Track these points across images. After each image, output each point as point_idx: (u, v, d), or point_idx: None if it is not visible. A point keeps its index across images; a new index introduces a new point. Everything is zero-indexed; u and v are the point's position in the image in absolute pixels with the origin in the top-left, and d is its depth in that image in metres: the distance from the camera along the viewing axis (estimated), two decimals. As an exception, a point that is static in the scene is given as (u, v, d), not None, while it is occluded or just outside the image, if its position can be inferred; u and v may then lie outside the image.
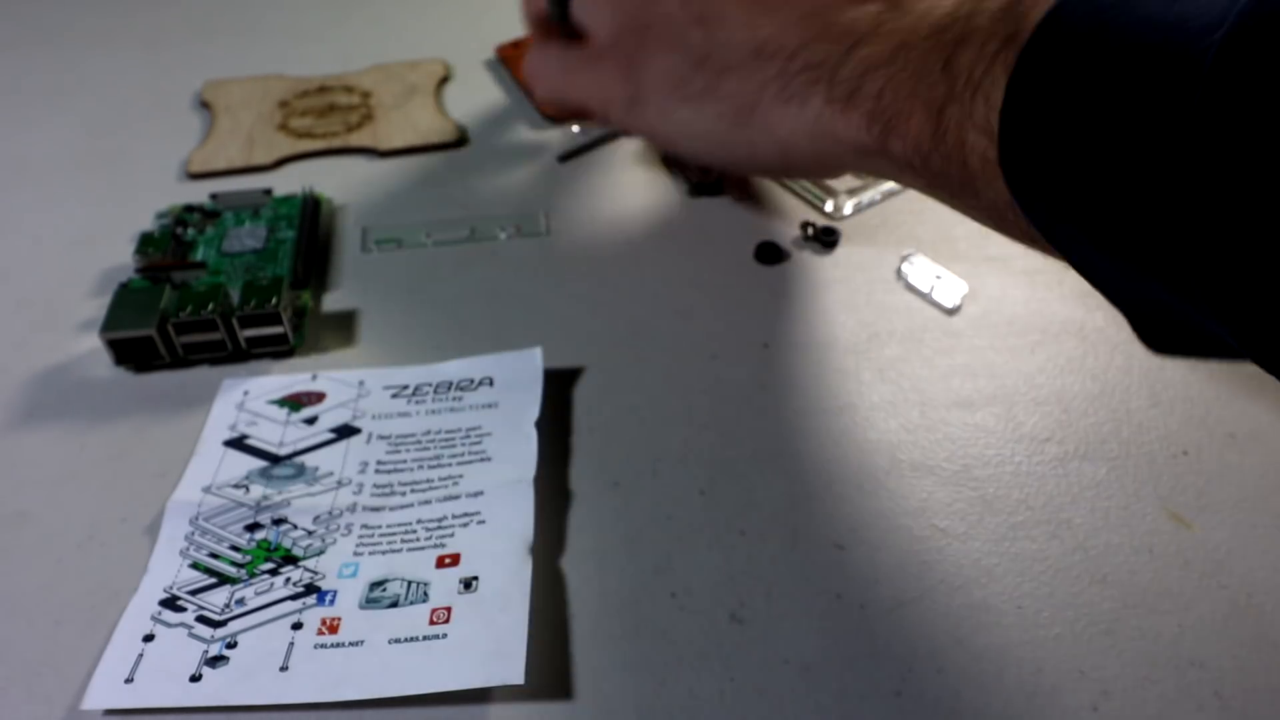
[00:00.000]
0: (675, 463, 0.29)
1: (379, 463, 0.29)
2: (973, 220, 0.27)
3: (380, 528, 0.27)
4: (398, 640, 0.24)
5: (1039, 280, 0.34)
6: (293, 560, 0.26)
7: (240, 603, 0.25)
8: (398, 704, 0.23)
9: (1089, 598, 0.25)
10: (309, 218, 0.37)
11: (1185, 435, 0.29)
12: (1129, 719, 0.23)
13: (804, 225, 0.36)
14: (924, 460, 0.29)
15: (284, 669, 0.24)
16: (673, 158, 0.40)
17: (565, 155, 0.41)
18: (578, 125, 0.43)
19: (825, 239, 0.36)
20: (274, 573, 0.26)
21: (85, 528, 0.28)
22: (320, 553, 0.27)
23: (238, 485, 0.28)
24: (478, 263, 0.36)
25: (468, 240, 0.37)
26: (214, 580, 0.26)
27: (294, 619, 0.25)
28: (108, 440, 0.30)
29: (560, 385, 0.31)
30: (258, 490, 0.28)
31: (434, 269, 0.36)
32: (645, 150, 0.41)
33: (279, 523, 0.27)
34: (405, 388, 0.31)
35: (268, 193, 0.38)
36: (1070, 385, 0.31)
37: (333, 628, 0.25)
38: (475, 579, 0.25)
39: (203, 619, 0.25)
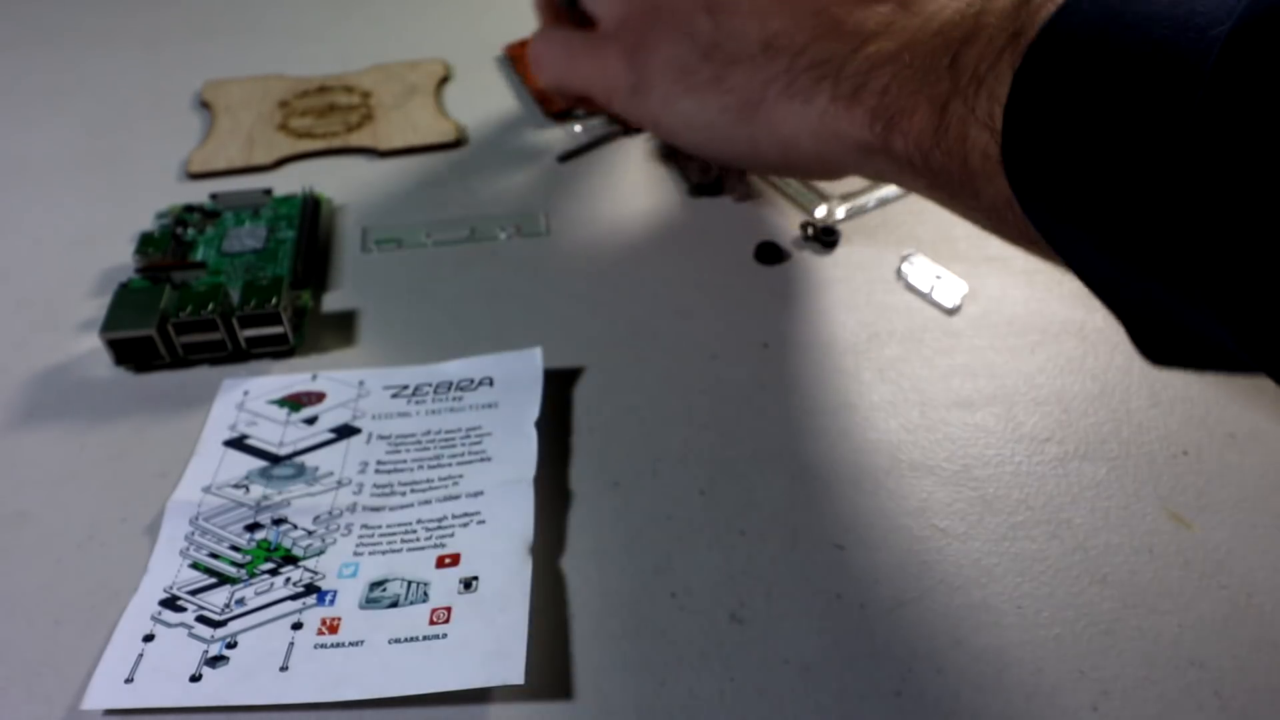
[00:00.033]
0: (675, 463, 0.29)
1: (379, 463, 0.29)
2: (971, 223, 0.27)
3: (380, 528, 0.27)
4: (398, 640, 0.24)
5: (1039, 280, 0.34)
6: (293, 560, 0.26)
7: (240, 603, 0.25)
8: (398, 704, 0.23)
9: (1089, 598, 0.25)
10: (309, 218, 0.37)
11: (1185, 435, 0.29)
12: (1129, 719, 0.23)
13: (804, 225, 0.36)
14: (924, 460, 0.29)
15: (284, 669, 0.24)
16: (674, 153, 0.40)
17: (565, 155, 0.41)
18: (579, 122, 0.43)
19: (825, 239, 0.36)
20: (274, 573, 0.26)
21: (85, 528, 0.28)
22: (320, 553, 0.27)
23: (238, 485, 0.28)
24: (478, 263, 0.36)
25: (468, 240, 0.37)
26: (214, 580, 0.26)
27: (294, 619, 0.25)
28: (108, 440, 0.30)
29: (560, 385, 0.31)
30: (258, 490, 0.28)
31: (434, 269, 0.36)
32: (648, 146, 0.41)
33: (279, 523, 0.27)
34: (405, 388, 0.31)
35: (268, 193, 0.38)
36: (1070, 385, 0.31)
37: (333, 628, 0.25)
38: (475, 579, 0.25)
39: (203, 619, 0.25)
